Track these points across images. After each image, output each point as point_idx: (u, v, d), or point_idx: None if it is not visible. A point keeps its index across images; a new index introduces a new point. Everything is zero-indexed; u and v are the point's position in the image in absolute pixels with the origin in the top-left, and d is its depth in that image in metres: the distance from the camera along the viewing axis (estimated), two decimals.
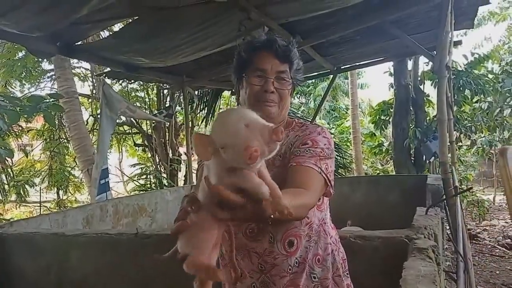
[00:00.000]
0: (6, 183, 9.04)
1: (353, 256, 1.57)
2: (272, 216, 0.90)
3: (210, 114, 8.12)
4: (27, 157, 10.29)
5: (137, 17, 3.60)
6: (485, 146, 10.35)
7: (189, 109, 7.24)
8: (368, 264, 1.96)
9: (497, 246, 6.77)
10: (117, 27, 5.70)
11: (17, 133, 9.47)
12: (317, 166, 1.27)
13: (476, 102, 9.28)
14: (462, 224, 3.08)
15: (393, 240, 1.97)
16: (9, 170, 9.18)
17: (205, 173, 0.95)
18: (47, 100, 3.41)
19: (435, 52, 3.95)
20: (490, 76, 8.86)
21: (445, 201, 3.20)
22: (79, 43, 4.07)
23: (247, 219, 1.06)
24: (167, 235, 2.49)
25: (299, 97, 18.69)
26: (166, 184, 8.58)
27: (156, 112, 7.76)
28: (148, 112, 8.43)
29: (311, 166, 1.26)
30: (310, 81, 14.85)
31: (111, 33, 5.78)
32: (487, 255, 6.33)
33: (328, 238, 1.41)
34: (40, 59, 8.60)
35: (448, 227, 3.31)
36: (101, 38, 6.35)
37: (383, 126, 9.29)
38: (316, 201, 1.31)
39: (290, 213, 0.91)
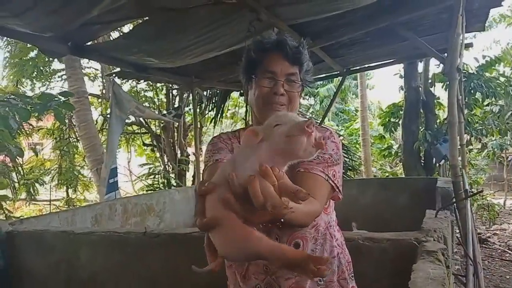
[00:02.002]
0: (17, 181, 9.13)
1: (361, 258, 1.56)
2: (282, 220, 0.88)
3: (219, 115, 8.14)
4: (37, 156, 10.38)
5: (146, 18, 3.62)
6: (496, 149, 10.24)
7: (198, 109, 7.26)
8: (376, 266, 1.95)
9: (507, 250, 6.68)
10: (127, 28, 5.75)
11: (27, 132, 9.56)
12: (324, 173, 1.27)
13: (487, 105, 9.19)
14: (472, 227, 3.05)
15: (402, 243, 1.95)
16: (20, 168, 9.27)
17: (228, 170, 0.89)
18: (58, 98, 3.46)
19: (446, 54, 3.92)
20: (502, 79, 8.76)
21: (455, 204, 3.17)
22: (90, 43, 4.11)
23: (259, 220, 1.02)
24: (175, 235, 2.51)
25: (308, 98, 18.62)
26: (174, 184, 8.60)
27: (165, 112, 7.81)
28: (157, 112, 8.47)
29: (318, 173, 1.26)
30: (319, 82, 14.79)
31: (121, 33, 5.81)
32: (497, 259, 6.25)
33: (333, 241, 1.40)
34: (50, 59, 8.70)
35: (458, 231, 3.28)
36: (111, 38, 6.40)
37: (392, 129, 9.23)
38: (322, 209, 1.31)
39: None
